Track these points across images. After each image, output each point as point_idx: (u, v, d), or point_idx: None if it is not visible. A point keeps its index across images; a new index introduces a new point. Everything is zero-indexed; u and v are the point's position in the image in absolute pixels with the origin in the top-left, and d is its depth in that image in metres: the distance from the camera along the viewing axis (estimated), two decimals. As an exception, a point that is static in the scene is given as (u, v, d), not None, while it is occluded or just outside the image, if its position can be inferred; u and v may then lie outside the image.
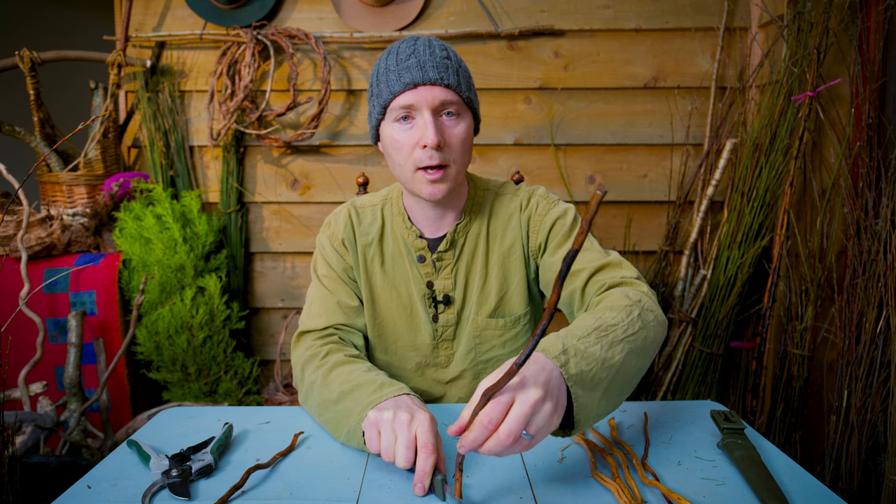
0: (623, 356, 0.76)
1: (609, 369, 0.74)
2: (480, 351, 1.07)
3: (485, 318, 1.06)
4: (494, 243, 1.05)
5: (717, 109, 1.96)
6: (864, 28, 1.47)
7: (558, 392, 0.67)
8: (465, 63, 0.98)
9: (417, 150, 0.93)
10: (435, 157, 0.92)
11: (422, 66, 0.90)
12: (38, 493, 1.15)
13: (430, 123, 0.91)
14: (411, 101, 0.91)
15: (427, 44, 0.94)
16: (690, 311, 1.90)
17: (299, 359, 1.00)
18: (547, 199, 1.06)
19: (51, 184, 1.89)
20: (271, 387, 2.00)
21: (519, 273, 1.05)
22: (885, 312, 1.36)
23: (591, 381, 0.71)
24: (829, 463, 1.47)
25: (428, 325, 1.07)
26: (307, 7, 2.02)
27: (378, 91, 0.95)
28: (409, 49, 0.93)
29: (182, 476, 0.75)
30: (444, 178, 0.94)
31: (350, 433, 0.83)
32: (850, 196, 1.48)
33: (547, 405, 0.65)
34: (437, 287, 1.05)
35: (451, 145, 0.93)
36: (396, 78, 0.91)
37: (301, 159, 2.08)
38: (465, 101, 0.95)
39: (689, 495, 0.72)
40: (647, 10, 1.98)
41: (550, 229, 1.03)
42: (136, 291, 1.79)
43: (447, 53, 0.94)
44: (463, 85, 0.94)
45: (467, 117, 0.96)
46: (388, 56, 0.95)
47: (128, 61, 1.93)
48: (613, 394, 0.76)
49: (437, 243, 1.04)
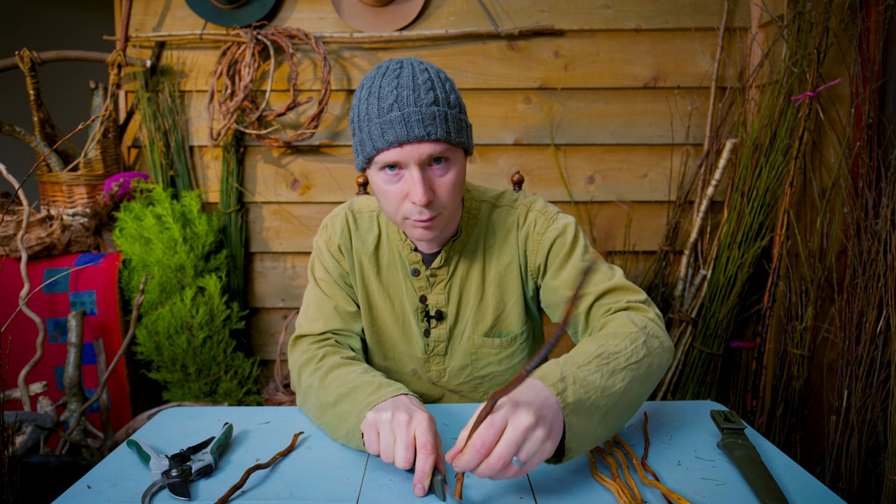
0: (625, 384, 0.75)
1: (609, 397, 0.73)
2: (477, 367, 1.06)
3: (481, 336, 1.04)
4: (491, 260, 1.02)
5: (717, 109, 1.96)
6: (864, 28, 1.47)
7: (552, 420, 0.67)
8: (455, 92, 0.89)
9: (406, 203, 0.88)
10: (425, 213, 0.87)
11: (406, 122, 0.82)
12: (38, 493, 1.15)
13: (419, 181, 0.84)
14: (396, 158, 0.84)
15: (411, 83, 0.84)
16: (690, 311, 1.90)
17: (296, 362, 0.99)
18: (545, 214, 1.01)
19: (51, 184, 1.89)
20: (271, 387, 2.00)
21: (516, 292, 1.03)
22: (885, 312, 1.36)
23: (588, 408, 0.71)
24: (829, 463, 1.47)
25: (420, 339, 1.06)
26: (307, 7, 2.02)
27: (360, 138, 0.88)
28: (391, 94, 0.83)
29: (182, 476, 0.75)
30: (436, 225, 0.90)
31: (349, 435, 0.82)
32: (850, 196, 1.48)
33: (538, 432, 0.65)
34: (431, 302, 1.03)
35: (440, 196, 0.88)
36: (379, 134, 0.84)
37: (301, 159, 2.08)
38: (456, 146, 0.88)
39: (689, 495, 0.72)
40: (647, 10, 1.98)
41: (549, 250, 0.99)
42: (136, 291, 1.79)
43: (434, 95, 0.84)
44: (452, 132, 0.85)
45: (458, 158, 0.89)
46: (370, 96, 0.85)
47: (128, 61, 1.93)
48: (612, 420, 0.76)
49: (431, 258, 1.02)
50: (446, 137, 0.85)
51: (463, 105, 0.91)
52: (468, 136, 0.91)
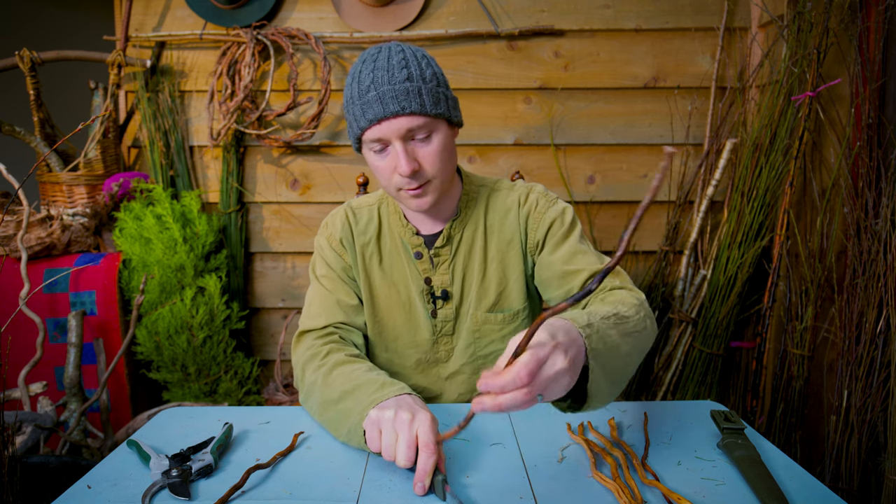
0: (630, 349, 0.78)
1: (618, 357, 0.75)
2: (480, 346, 1.08)
3: (484, 312, 1.06)
4: (492, 238, 1.06)
5: (717, 109, 1.96)
6: (864, 28, 1.47)
7: (579, 363, 0.67)
8: (431, 67, 0.94)
9: (396, 176, 0.94)
10: (413, 182, 0.94)
11: (382, 100, 0.89)
12: (38, 493, 1.15)
13: (402, 154, 0.91)
14: (378, 135, 0.92)
15: (386, 65, 0.91)
16: (690, 311, 1.90)
17: (300, 359, 1.00)
18: (546, 196, 1.07)
19: (51, 184, 1.89)
20: (271, 387, 2.00)
21: (517, 268, 1.06)
22: (885, 312, 1.36)
23: (604, 360, 0.72)
24: (829, 463, 1.47)
25: (427, 321, 1.08)
26: (307, 7, 2.02)
27: (349, 120, 0.96)
28: (368, 77, 0.91)
29: (182, 476, 0.75)
30: (427, 192, 0.96)
31: (351, 432, 0.83)
32: (850, 196, 1.48)
33: (567, 377, 0.65)
34: (435, 283, 1.06)
35: (425, 166, 0.94)
36: (361, 113, 0.91)
37: (301, 159, 2.08)
38: (434, 117, 0.93)
39: (689, 495, 0.72)
40: (647, 10, 1.98)
41: (549, 228, 1.04)
42: (136, 291, 1.79)
43: (408, 72, 0.90)
44: (428, 103, 0.91)
45: (440, 129, 0.94)
46: (353, 82, 0.93)
47: (128, 61, 1.93)
48: (616, 382, 0.77)
49: (433, 239, 1.05)
50: (420, 110, 0.90)
51: (442, 79, 0.96)
52: (449, 107, 0.96)
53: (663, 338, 1.99)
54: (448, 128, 0.97)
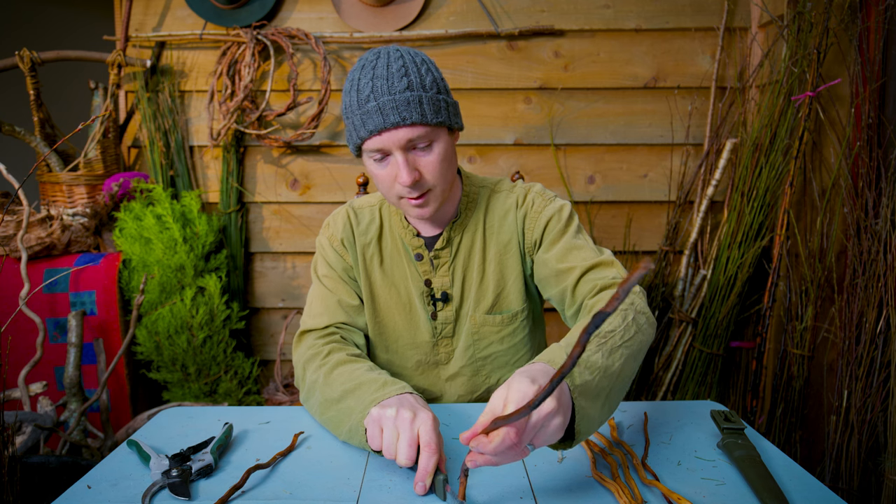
0: (622, 363, 0.76)
1: (610, 377, 0.74)
2: (479, 347, 1.08)
3: (482, 314, 1.06)
4: (491, 240, 1.06)
5: (717, 109, 1.96)
6: (864, 28, 1.47)
7: (567, 404, 0.66)
8: (431, 73, 0.92)
9: (397, 185, 0.93)
10: (414, 192, 0.93)
11: (382, 111, 0.87)
12: (38, 493, 1.15)
13: (403, 164, 0.90)
14: (379, 145, 0.91)
15: (385, 73, 0.89)
16: (690, 311, 1.90)
17: (301, 358, 1.00)
18: (543, 195, 1.06)
19: (51, 184, 1.89)
20: (271, 387, 2.00)
21: (516, 269, 1.06)
22: (885, 312, 1.36)
23: (594, 390, 0.71)
24: (829, 463, 1.47)
25: (427, 323, 1.07)
26: (307, 7, 2.02)
27: (348, 128, 0.95)
28: (367, 86, 0.89)
29: (182, 476, 0.75)
30: (428, 201, 0.96)
31: (352, 431, 0.83)
32: (850, 196, 1.48)
33: (557, 419, 0.65)
34: (435, 285, 1.06)
35: (426, 175, 0.93)
36: (361, 123, 0.90)
37: (301, 159, 2.08)
38: (435, 126, 0.92)
39: (689, 495, 0.72)
40: (647, 10, 1.98)
41: (546, 226, 1.03)
42: (136, 291, 1.79)
43: (408, 81, 0.89)
44: (429, 113, 0.89)
45: (441, 138, 0.93)
46: (351, 89, 0.92)
47: (128, 61, 1.93)
48: (612, 401, 0.76)
49: (434, 241, 1.05)
50: (422, 120, 0.89)
51: (443, 85, 0.94)
52: (450, 114, 0.95)
53: (663, 338, 1.99)
54: (448, 135, 0.96)
